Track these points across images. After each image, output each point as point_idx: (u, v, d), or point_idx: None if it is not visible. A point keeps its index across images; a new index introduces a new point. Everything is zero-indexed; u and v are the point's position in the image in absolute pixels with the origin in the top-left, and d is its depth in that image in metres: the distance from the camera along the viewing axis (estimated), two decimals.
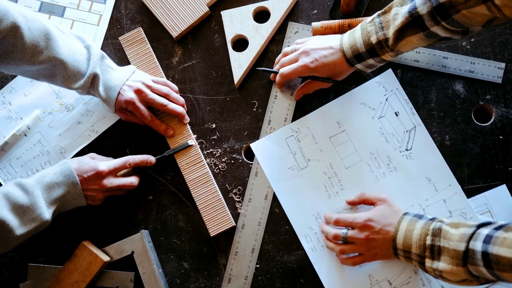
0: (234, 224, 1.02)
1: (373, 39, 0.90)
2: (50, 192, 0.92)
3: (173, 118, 1.07)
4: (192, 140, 1.05)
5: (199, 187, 1.03)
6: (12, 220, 0.87)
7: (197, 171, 1.04)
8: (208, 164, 1.06)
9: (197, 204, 1.02)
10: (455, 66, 1.03)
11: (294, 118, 1.06)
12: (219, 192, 1.03)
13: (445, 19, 0.81)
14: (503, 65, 1.03)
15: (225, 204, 1.02)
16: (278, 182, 1.03)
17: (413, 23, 0.84)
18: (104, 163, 0.98)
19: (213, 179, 1.04)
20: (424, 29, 0.84)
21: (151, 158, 1.03)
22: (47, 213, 0.91)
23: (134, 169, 1.05)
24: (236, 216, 1.03)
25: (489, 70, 1.03)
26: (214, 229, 1.01)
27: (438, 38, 0.87)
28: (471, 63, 1.03)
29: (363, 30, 0.92)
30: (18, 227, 0.88)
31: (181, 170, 1.04)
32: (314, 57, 0.96)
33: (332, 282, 0.97)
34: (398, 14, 0.86)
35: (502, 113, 1.01)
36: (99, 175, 0.96)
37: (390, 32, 0.87)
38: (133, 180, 1.01)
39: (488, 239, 0.74)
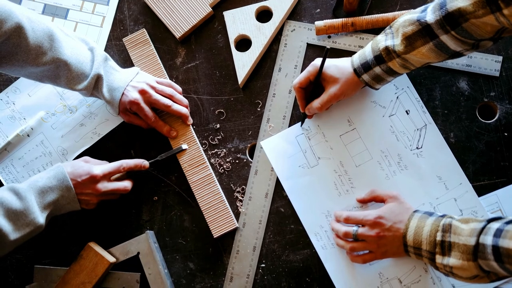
0: (237, 225, 1.01)
1: (381, 45, 0.90)
2: (44, 197, 0.92)
3: (177, 119, 1.06)
4: (186, 144, 1.05)
5: (202, 188, 1.03)
6: (6, 226, 0.87)
7: (200, 173, 1.04)
8: (213, 164, 1.05)
9: (200, 205, 1.02)
10: (452, 60, 1.03)
11: (293, 117, 1.06)
12: (222, 193, 1.03)
13: (454, 28, 0.81)
14: (500, 58, 1.03)
15: (228, 205, 1.02)
16: (288, 180, 1.03)
17: (422, 32, 0.85)
18: (98, 167, 0.97)
19: (216, 180, 1.04)
20: (433, 38, 0.84)
21: (144, 162, 1.02)
22: (41, 218, 0.91)
23: (128, 173, 1.04)
24: (238, 215, 1.03)
25: (487, 63, 1.03)
26: (217, 231, 1.00)
27: (449, 53, 0.87)
28: (468, 56, 1.03)
29: (373, 41, 0.93)
30: (12, 232, 0.88)
31: (184, 171, 1.04)
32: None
33: (342, 280, 0.97)
34: (406, 21, 0.87)
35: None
36: (93, 179, 0.95)
37: (399, 39, 0.87)
38: (127, 184, 1.01)
39: (498, 233, 0.75)
